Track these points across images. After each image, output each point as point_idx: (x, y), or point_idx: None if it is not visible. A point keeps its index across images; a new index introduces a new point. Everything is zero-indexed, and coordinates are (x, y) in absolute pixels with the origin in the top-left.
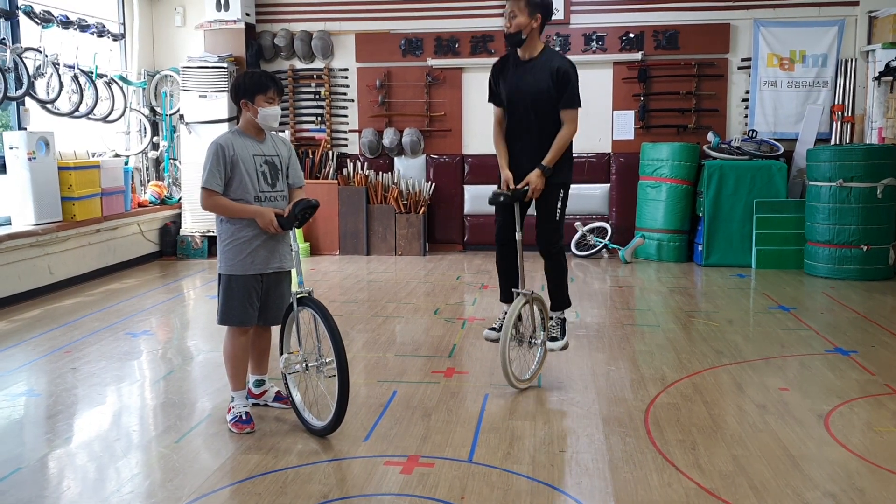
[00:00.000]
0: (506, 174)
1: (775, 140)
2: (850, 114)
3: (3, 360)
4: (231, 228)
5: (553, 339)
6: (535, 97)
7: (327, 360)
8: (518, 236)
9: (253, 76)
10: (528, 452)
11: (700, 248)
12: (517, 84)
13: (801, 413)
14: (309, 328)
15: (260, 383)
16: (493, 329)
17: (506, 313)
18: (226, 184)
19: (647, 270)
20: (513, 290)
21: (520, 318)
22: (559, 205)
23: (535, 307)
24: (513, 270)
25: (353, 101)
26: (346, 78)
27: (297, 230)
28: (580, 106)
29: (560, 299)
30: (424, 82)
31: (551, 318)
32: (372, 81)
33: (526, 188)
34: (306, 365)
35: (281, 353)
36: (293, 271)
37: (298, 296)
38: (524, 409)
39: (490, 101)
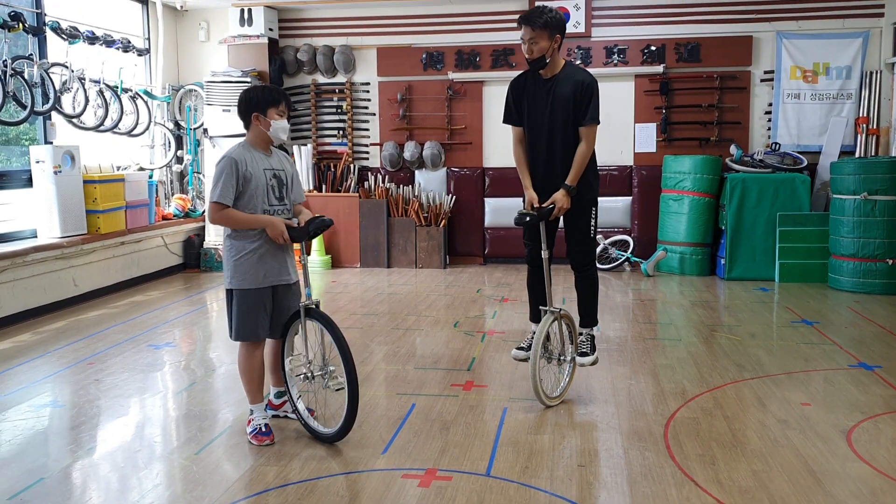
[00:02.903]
0: (530, 194)
1: (799, 153)
2: (874, 126)
3: (28, 371)
4: (238, 244)
5: (583, 355)
6: (564, 114)
7: (331, 369)
8: (544, 254)
9: (264, 90)
10: (546, 466)
11: (723, 261)
12: (544, 102)
13: (824, 428)
14: (315, 339)
15: (281, 394)
16: (522, 349)
17: (534, 333)
18: (236, 197)
19: (669, 284)
20: (540, 307)
21: (548, 337)
22: (593, 222)
23: (562, 324)
24: (543, 291)
25: (374, 114)
26: (368, 92)
27: (316, 241)
28: (599, 122)
29: (590, 316)
30: (445, 96)
31: (581, 334)
32: (393, 95)
33: (551, 207)
34: (312, 373)
35: (282, 357)
36: (301, 283)
37: (306, 306)
38: (543, 423)
39: (506, 121)
